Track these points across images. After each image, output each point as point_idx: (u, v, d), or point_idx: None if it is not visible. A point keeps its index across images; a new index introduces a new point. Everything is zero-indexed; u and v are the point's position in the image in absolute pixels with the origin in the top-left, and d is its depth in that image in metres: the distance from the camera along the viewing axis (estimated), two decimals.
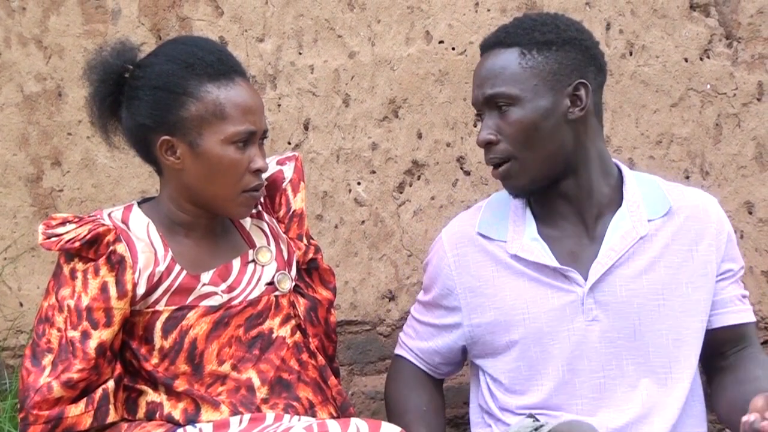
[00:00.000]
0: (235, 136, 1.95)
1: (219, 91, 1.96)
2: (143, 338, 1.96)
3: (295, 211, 2.15)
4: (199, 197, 2.00)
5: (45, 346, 1.92)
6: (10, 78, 2.71)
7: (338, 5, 2.70)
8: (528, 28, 2.05)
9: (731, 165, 2.72)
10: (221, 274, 2.01)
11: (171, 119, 1.96)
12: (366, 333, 2.78)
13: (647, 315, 2.03)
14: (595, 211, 2.08)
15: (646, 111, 2.71)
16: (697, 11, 2.71)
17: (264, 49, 2.71)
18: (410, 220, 2.75)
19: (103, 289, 1.92)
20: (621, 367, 2.03)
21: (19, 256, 2.69)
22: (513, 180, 2.06)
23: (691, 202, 2.12)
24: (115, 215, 2.02)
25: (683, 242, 2.07)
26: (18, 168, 2.73)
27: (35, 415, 1.88)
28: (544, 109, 2.01)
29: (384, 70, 2.72)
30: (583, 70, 2.03)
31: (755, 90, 2.70)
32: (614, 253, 2.04)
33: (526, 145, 2.01)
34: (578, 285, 2.04)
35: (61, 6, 2.69)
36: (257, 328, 2.01)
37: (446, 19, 2.70)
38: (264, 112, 2.03)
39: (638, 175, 2.16)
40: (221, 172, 1.96)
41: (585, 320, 2.02)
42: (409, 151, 2.74)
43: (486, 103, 2.05)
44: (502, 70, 2.02)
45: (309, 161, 2.72)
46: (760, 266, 2.73)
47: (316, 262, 2.17)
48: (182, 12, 2.69)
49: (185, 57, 1.99)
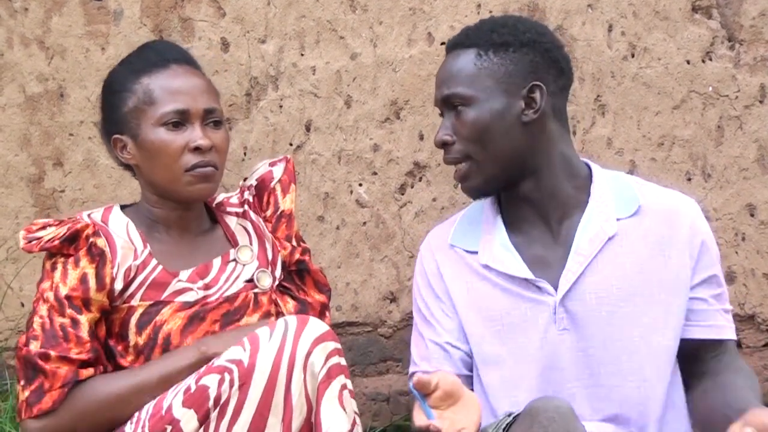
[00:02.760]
0: (164, 117, 1.99)
1: (150, 80, 2.02)
2: (119, 335, 1.98)
3: (283, 212, 2.16)
4: (156, 187, 2.05)
5: (31, 334, 1.95)
6: (12, 78, 2.71)
7: (340, 7, 2.71)
8: (488, 29, 2.05)
9: (733, 167, 2.71)
10: (200, 273, 2.02)
11: (116, 118, 2.04)
12: (367, 334, 2.78)
13: (618, 322, 1.99)
14: (559, 212, 2.05)
15: (648, 113, 2.71)
16: (699, 13, 2.71)
17: (266, 51, 2.71)
18: (412, 221, 2.75)
19: (82, 280, 1.95)
20: (594, 375, 2.00)
21: (20, 256, 2.69)
22: (469, 181, 2.05)
23: (664, 204, 2.06)
24: (95, 216, 2.06)
25: (653, 245, 2.02)
26: (20, 168, 2.73)
27: (49, 369, 1.89)
28: (496, 111, 2.00)
29: (386, 72, 2.72)
30: (541, 73, 2.02)
31: (757, 92, 2.70)
32: (583, 258, 2.00)
33: (479, 146, 2.01)
34: (549, 295, 2.01)
35: (63, 7, 2.70)
36: (234, 324, 2.02)
37: (448, 20, 2.70)
38: (207, 92, 2.04)
39: (612, 174, 2.12)
40: (158, 155, 2.00)
41: (557, 330, 2.00)
42: (410, 153, 2.74)
43: (444, 104, 2.05)
44: (459, 71, 2.03)
45: (310, 162, 2.72)
46: (761, 268, 2.72)
47: (304, 264, 2.17)
48: (184, 13, 2.69)
49: (130, 57, 2.09)
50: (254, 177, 2.19)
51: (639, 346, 1.99)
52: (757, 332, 2.75)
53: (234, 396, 1.81)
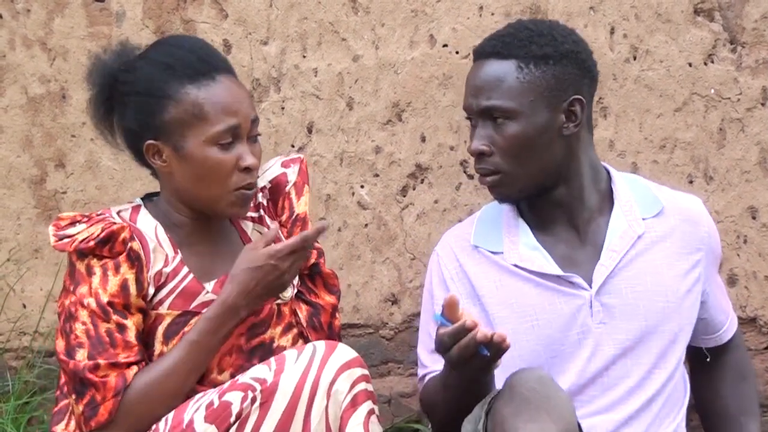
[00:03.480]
0: (217, 136, 1.93)
1: (198, 92, 1.94)
2: (143, 343, 1.95)
3: (298, 215, 2.12)
4: (191, 199, 1.99)
5: (75, 342, 1.89)
6: (14, 80, 2.71)
7: (342, 8, 2.71)
8: (525, 39, 2.02)
9: (735, 170, 2.71)
10: (223, 284, 1.97)
11: (154, 123, 1.95)
12: (369, 336, 2.78)
13: (653, 317, 2.05)
14: (586, 215, 2.08)
15: (650, 115, 2.71)
16: (702, 16, 2.70)
17: (268, 52, 2.71)
18: (413, 223, 2.75)
19: (123, 287, 1.91)
20: (625, 367, 2.05)
21: (22, 257, 2.69)
22: (502, 188, 2.06)
23: (682, 205, 2.14)
24: (124, 215, 2.01)
25: (678, 243, 2.09)
26: (22, 170, 2.73)
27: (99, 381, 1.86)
28: (540, 126, 2.00)
29: (388, 74, 2.72)
30: (579, 85, 2.03)
31: (759, 95, 2.70)
32: (616, 254, 2.05)
33: (518, 160, 2.01)
34: (584, 289, 2.04)
35: (65, 8, 2.70)
36: (259, 337, 2.00)
37: (450, 22, 2.70)
38: (250, 103, 2.00)
39: (626, 176, 2.18)
40: (207, 174, 1.94)
41: (593, 324, 2.03)
42: (412, 155, 2.74)
43: (481, 114, 2.04)
44: (499, 82, 2.01)
45: (312, 164, 2.72)
46: (763, 271, 2.72)
47: (318, 267, 2.14)
48: (186, 15, 2.69)
49: (166, 59, 1.97)
50: (267, 178, 2.13)
51: (667, 340, 2.06)
52: (758, 335, 2.75)
53: (254, 413, 1.80)
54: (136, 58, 2.03)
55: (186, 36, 2.14)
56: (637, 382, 2.05)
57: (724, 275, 2.71)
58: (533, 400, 1.77)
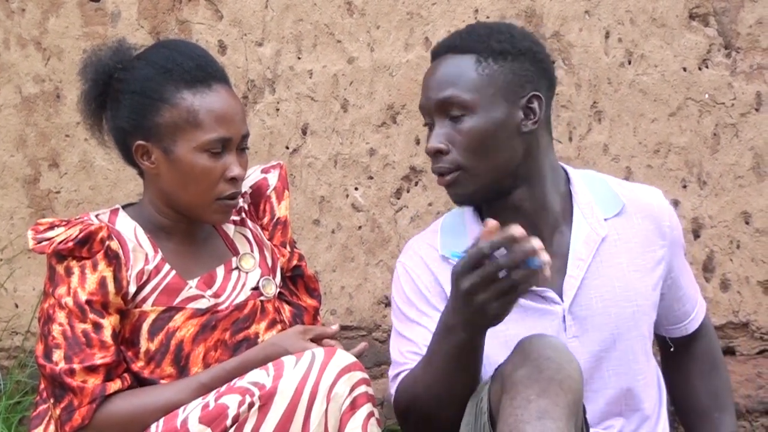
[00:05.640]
0: (207, 144, 1.94)
1: (194, 98, 1.95)
2: (129, 341, 1.96)
3: (279, 219, 2.15)
4: (175, 203, 2.01)
5: (52, 343, 1.91)
6: (8, 79, 2.71)
7: (338, 10, 2.71)
8: (483, 35, 2.00)
9: (728, 175, 2.72)
10: (206, 282, 2.00)
11: (147, 124, 1.96)
12: (362, 338, 2.78)
13: (624, 323, 2.01)
14: (551, 224, 2.03)
15: (644, 120, 2.72)
16: (696, 21, 2.71)
17: (263, 54, 2.71)
18: (407, 226, 2.75)
19: (101, 284, 1.92)
20: (602, 378, 2.01)
21: (15, 257, 2.69)
22: (459, 188, 2.01)
23: (642, 200, 2.09)
24: (102, 217, 2.03)
25: (642, 242, 2.05)
26: (15, 169, 2.73)
27: (78, 388, 1.87)
28: (498, 120, 1.96)
29: (383, 76, 2.72)
30: (537, 83, 2.00)
31: (753, 100, 2.70)
32: (582, 263, 2.00)
33: (476, 156, 1.96)
34: (556, 303, 2.00)
35: (60, 8, 2.70)
36: (243, 332, 2.01)
37: (445, 25, 2.70)
38: (243, 117, 2.01)
39: (586, 174, 2.12)
40: (194, 180, 1.95)
41: (567, 338, 1.98)
42: (406, 157, 2.74)
43: (437, 110, 1.99)
44: (458, 75, 1.98)
45: (306, 166, 2.72)
46: (756, 276, 2.73)
47: (300, 270, 2.17)
48: (182, 15, 2.69)
49: (165, 62, 1.98)
50: (248, 184, 2.16)
51: (642, 342, 2.04)
52: (751, 339, 2.75)
53: (252, 417, 1.80)
54: (133, 57, 2.03)
55: (185, 42, 2.14)
56: (616, 391, 2.02)
57: (717, 280, 2.72)
58: (545, 369, 1.73)
